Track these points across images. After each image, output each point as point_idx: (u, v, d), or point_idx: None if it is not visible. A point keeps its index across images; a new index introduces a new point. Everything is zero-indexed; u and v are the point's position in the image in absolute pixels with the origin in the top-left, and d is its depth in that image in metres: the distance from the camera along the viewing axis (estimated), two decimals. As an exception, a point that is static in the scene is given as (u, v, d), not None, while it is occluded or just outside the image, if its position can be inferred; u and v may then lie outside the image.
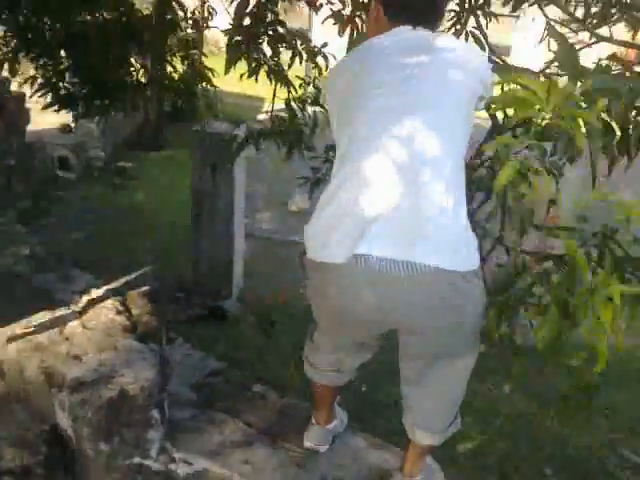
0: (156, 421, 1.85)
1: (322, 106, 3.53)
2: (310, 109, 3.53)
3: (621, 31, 3.03)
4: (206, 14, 5.64)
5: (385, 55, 1.44)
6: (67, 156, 6.73)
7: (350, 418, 2.08)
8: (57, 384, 1.86)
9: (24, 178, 6.11)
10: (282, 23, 3.05)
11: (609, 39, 3.05)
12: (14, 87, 5.89)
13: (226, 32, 2.97)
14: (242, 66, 3.06)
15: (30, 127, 6.65)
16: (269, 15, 2.88)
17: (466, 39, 3.18)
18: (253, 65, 3.06)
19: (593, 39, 3.07)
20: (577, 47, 3.02)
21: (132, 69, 4.06)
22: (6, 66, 3.67)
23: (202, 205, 4.64)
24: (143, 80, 4.25)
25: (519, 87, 1.20)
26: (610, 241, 1.54)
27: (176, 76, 4.48)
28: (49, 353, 1.95)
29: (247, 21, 2.85)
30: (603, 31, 3.02)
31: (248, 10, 2.76)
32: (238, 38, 2.90)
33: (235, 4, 2.78)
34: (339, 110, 1.49)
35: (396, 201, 1.29)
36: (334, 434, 1.99)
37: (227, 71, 3.10)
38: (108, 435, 1.79)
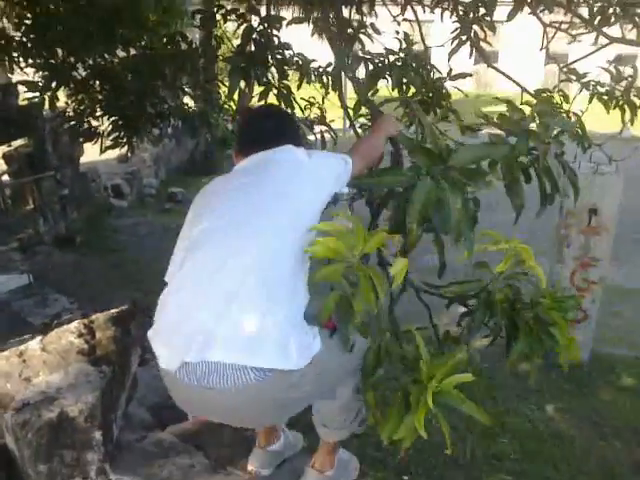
0: (97, 443, 1.87)
1: (328, 125, 3.55)
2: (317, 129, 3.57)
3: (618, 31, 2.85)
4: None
5: (229, 177, 1.56)
6: (120, 184, 7.04)
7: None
8: (6, 406, 1.91)
9: (78, 207, 6.43)
10: (288, 46, 3.06)
11: (620, 39, 2.87)
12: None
13: (227, 59, 3.02)
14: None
15: (89, 157, 7.01)
16: (275, 40, 2.91)
17: (471, 51, 3.11)
18: (262, 89, 3.08)
19: (601, 40, 2.91)
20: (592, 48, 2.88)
21: (155, 102, 4.14)
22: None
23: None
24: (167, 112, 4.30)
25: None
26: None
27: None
28: (5, 375, 2.02)
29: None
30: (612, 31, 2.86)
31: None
32: (242, 65, 2.93)
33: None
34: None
35: (217, 312, 1.33)
36: (282, 457, 1.95)
37: (230, 96, 3.15)
38: (48, 456, 1.82)
